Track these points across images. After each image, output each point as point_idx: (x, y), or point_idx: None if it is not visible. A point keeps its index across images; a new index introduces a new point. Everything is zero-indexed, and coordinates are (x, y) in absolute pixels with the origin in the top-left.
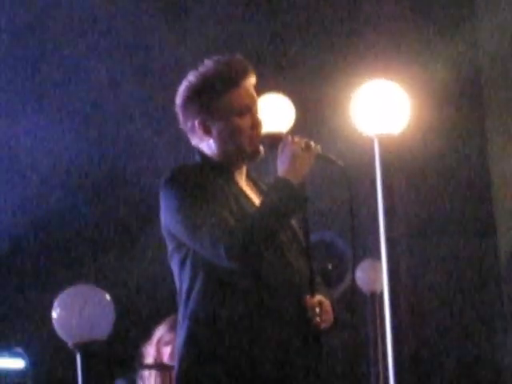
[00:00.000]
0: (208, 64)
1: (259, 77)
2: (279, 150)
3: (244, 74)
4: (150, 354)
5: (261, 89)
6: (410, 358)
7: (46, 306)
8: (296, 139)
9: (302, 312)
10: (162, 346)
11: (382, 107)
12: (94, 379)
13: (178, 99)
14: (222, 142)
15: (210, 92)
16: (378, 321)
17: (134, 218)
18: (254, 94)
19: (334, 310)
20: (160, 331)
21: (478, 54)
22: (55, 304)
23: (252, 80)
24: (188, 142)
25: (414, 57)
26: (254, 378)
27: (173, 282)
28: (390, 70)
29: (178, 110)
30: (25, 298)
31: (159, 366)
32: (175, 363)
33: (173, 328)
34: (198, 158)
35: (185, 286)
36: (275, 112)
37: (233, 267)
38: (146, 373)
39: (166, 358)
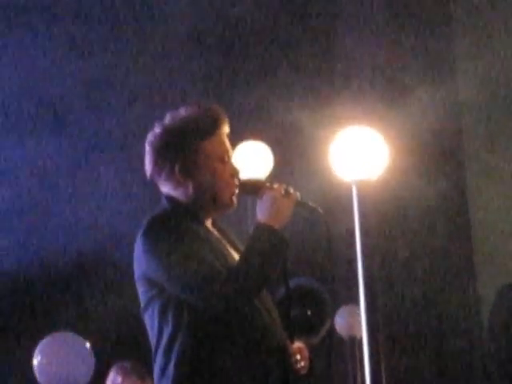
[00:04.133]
0: (185, 109)
1: (238, 124)
2: (259, 196)
3: (221, 122)
4: None
5: (239, 136)
6: None
7: (27, 353)
8: (276, 186)
9: (283, 359)
10: None
11: (360, 153)
12: None
13: (153, 143)
14: (201, 187)
15: (190, 139)
16: (358, 365)
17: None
18: (228, 142)
19: (310, 356)
20: (110, 380)
21: (456, 100)
22: (36, 351)
23: (227, 129)
24: None
25: (392, 103)
26: None
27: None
28: (368, 117)
29: (152, 153)
30: (5, 346)
31: None
32: None
33: (119, 373)
34: (167, 204)
35: (167, 331)
36: (254, 159)
37: (221, 313)
38: None
39: None
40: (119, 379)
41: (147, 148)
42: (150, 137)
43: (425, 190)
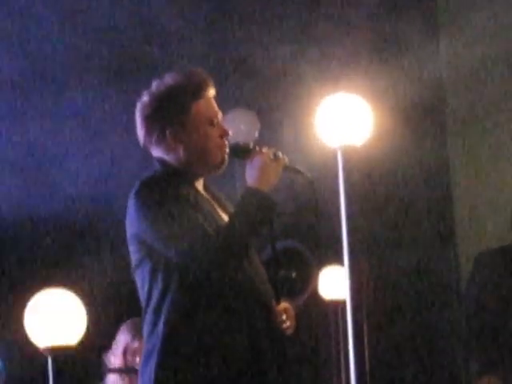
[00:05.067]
0: (170, 76)
1: (224, 90)
2: (248, 160)
3: (207, 86)
4: (115, 363)
5: (225, 102)
6: (371, 362)
7: (19, 309)
8: (264, 149)
9: (269, 319)
10: (129, 356)
11: (345, 119)
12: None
13: (143, 109)
14: (192, 151)
15: (178, 103)
16: (341, 327)
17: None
18: (215, 104)
19: (296, 316)
20: (124, 339)
21: (440, 67)
22: (27, 308)
23: (213, 92)
24: None
25: (377, 70)
26: (228, 377)
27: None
28: (353, 83)
29: (142, 120)
30: None
31: (129, 369)
32: (146, 368)
33: (136, 336)
34: (159, 167)
35: (156, 291)
36: (241, 125)
37: (210, 274)
38: (112, 379)
39: (134, 365)
40: (136, 342)
41: (137, 117)
42: (138, 105)
43: (408, 155)
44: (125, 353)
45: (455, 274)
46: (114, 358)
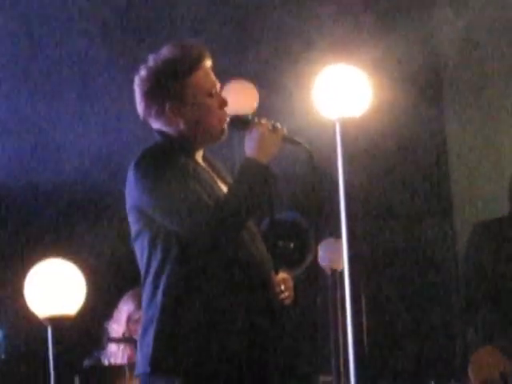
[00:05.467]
0: (166, 50)
1: (223, 61)
2: (247, 131)
3: (203, 57)
4: (117, 331)
5: (225, 73)
6: (369, 332)
7: (19, 279)
8: (263, 121)
9: (268, 289)
10: (131, 325)
11: (344, 91)
12: (64, 353)
13: (141, 85)
14: (192, 122)
15: (176, 76)
16: (339, 298)
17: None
18: (213, 75)
19: (295, 287)
20: (127, 308)
21: (437, 36)
22: (27, 278)
23: (209, 62)
24: None
25: (376, 41)
26: (226, 347)
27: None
28: (352, 55)
29: (141, 95)
30: None
31: (130, 339)
32: (145, 338)
33: (139, 305)
34: (160, 140)
35: (155, 261)
36: (240, 97)
37: (208, 244)
38: (113, 348)
39: (136, 334)
40: (139, 312)
41: (136, 91)
42: (136, 80)
43: (405, 127)
44: (128, 321)
45: (452, 244)
46: (118, 326)
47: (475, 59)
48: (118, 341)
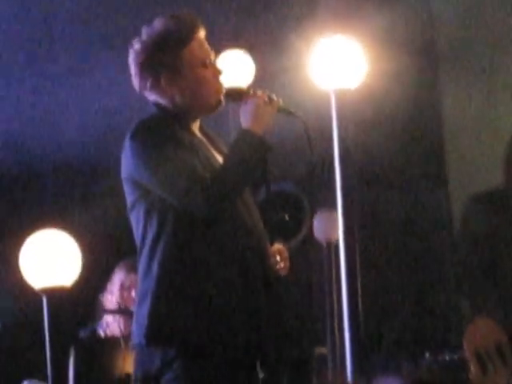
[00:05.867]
0: (159, 22)
1: (219, 33)
2: (242, 102)
3: (196, 28)
4: (112, 301)
5: (220, 44)
6: (364, 303)
7: (15, 250)
8: (259, 93)
9: (263, 260)
10: (125, 292)
11: (339, 62)
12: (60, 324)
13: (135, 58)
14: (188, 94)
15: (170, 48)
16: (334, 269)
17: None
18: (207, 45)
19: (290, 258)
20: (118, 277)
21: (431, 7)
22: (23, 248)
23: (203, 32)
24: None
25: (370, 12)
26: (222, 318)
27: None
28: (347, 26)
29: (136, 68)
30: None
31: (125, 310)
32: (141, 309)
33: (130, 271)
34: (155, 111)
35: (151, 232)
36: (235, 68)
37: (204, 215)
38: (109, 319)
39: (131, 302)
40: (131, 276)
41: (130, 64)
42: (130, 53)
43: (400, 97)
44: (121, 290)
45: (447, 214)
46: (111, 297)
47: (470, 25)
48: (113, 312)
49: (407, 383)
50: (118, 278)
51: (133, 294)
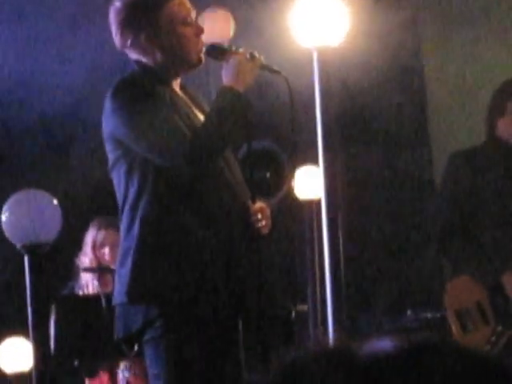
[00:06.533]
0: None
1: None
2: (224, 60)
3: None
4: (85, 262)
5: (200, 1)
6: (346, 263)
7: None
8: (240, 50)
9: (245, 217)
10: (98, 250)
11: (321, 19)
12: (40, 282)
13: (116, 16)
14: (168, 51)
15: (150, 6)
16: (315, 226)
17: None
18: (188, 3)
19: (271, 216)
20: (91, 235)
21: None
22: (4, 207)
23: None
24: None
25: None
26: (203, 275)
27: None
28: None
29: (116, 26)
30: None
31: (101, 268)
32: (123, 267)
33: (101, 227)
34: (137, 69)
35: (132, 191)
36: (215, 25)
37: (185, 173)
38: (86, 278)
39: (105, 259)
40: (102, 234)
41: (111, 22)
42: (111, 11)
43: (382, 55)
44: (94, 247)
45: (428, 174)
46: (85, 257)
47: None
48: (89, 270)
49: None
50: (90, 236)
51: (106, 249)
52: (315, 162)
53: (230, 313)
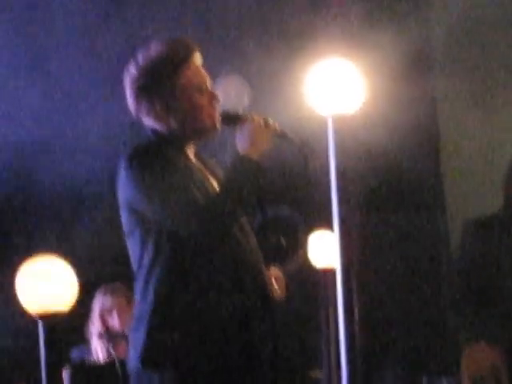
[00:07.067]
0: (156, 46)
1: (215, 58)
2: (239, 127)
3: (192, 53)
4: (93, 330)
5: (217, 69)
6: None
7: (11, 276)
8: (255, 117)
9: (260, 285)
10: (106, 316)
11: (336, 86)
12: (54, 347)
13: (131, 83)
14: (182, 120)
15: (165, 73)
16: (331, 294)
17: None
18: (204, 70)
19: (286, 283)
20: (97, 303)
21: (429, 32)
22: (19, 274)
23: (199, 57)
24: None
25: (368, 36)
26: (218, 342)
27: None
28: (344, 49)
29: (131, 93)
30: None
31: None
32: (136, 334)
33: (107, 293)
34: (152, 137)
35: (147, 258)
36: (231, 92)
37: (200, 241)
38: (93, 348)
39: (114, 325)
40: (109, 300)
41: (126, 89)
42: (126, 78)
43: (398, 123)
44: (102, 315)
45: (445, 240)
46: (93, 326)
47: (469, 53)
48: (105, 336)
49: None
50: (97, 304)
51: (114, 315)
52: (330, 227)
53: (245, 379)
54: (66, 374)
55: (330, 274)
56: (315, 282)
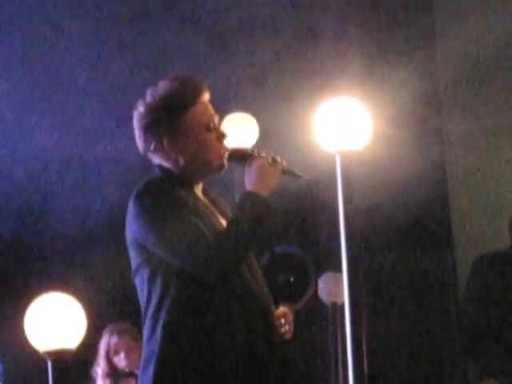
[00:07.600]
0: (164, 84)
1: (223, 95)
2: (247, 164)
3: (200, 91)
4: (99, 372)
5: (225, 107)
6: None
7: (20, 313)
8: (263, 154)
9: (268, 323)
10: (112, 356)
11: (344, 124)
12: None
13: (139, 121)
14: (190, 158)
15: (174, 111)
16: (339, 332)
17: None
18: (212, 108)
19: (295, 321)
20: (103, 343)
21: (436, 72)
22: (28, 312)
23: (207, 95)
24: None
25: (375, 75)
26: (225, 378)
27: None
28: (351, 88)
29: (140, 131)
30: None
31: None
32: (145, 373)
33: (113, 334)
34: (159, 173)
35: (155, 296)
36: (239, 129)
37: (208, 279)
38: None
39: (121, 364)
40: (115, 339)
41: (134, 126)
42: (135, 115)
43: (406, 160)
44: (107, 355)
45: (452, 277)
46: (99, 369)
47: (477, 92)
48: (114, 375)
49: None
50: (103, 345)
51: (122, 355)
52: (339, 266)
53: None
54: None
55: (338, 311)
56: (324, 319)
